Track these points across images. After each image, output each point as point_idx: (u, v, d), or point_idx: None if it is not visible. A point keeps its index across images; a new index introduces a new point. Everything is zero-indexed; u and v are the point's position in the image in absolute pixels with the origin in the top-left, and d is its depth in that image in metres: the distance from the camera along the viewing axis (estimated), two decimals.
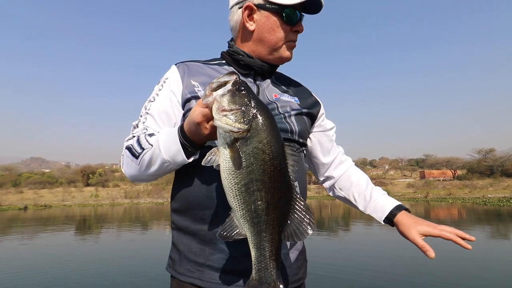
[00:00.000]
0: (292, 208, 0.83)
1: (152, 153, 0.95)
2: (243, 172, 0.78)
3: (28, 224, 15.78)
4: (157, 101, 1.08)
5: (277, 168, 0.79)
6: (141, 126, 1.05)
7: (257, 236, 0.82)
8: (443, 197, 26.86)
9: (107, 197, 31.70)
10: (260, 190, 0.79)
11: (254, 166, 0.77)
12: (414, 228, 1.09)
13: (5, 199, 29.43)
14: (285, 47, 1.13)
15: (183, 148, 0.91)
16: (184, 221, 1.05)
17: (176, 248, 1.07)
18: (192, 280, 0.99)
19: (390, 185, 39.53)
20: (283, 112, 1.11)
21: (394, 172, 65.15)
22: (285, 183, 0.81)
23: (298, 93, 1.23)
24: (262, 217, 0.81)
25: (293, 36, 1.14)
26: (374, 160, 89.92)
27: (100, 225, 15.31)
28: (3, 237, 11.83)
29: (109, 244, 10.27)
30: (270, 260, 0.83)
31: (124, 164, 1.03)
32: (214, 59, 1.20)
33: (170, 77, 1.11)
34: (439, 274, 5.98)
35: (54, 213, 21.65)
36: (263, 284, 0.83)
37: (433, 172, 50.60)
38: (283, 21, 1.10)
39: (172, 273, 1.06)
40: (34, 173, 50.62)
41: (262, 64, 1.14)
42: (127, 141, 1.03)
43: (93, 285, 5.52)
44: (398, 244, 9.10)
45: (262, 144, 0.77)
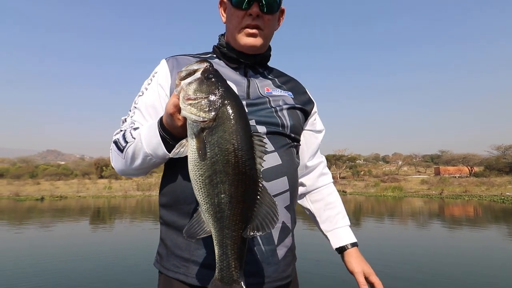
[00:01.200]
0: (258, 202, 0.78)
1: (135, 146, 0.94)
2: (207, 163, 0.74)
3: (45, 215, 16.19)
4: (145, 95, 1.09)
5: (242, 159, 0.74)
6: (129, 121, 1.06)
7: (220, 232, 0.78)
8: (459, 194, 26.10)
9: (120, 189, 32.28)
10: (223, 182, 0.74)
11: (218, 156, 0.73)
12: (360, 266, 1.18)
13: (23, 190, 30.36)
14: (243, 33, 1.09)
15: (163, 141, 0.90)
16: (171, 216, 1.04)
17: (163, 243, 1.07)
18: (178, 276, 0.99)
19: (403, 181, 38.76)
20: (274, 106, 1.10)
21: (408, 168, 63.85)
22: (250, 175, 0.76)
23: (292, 88, 1.21)
24: (225, 211, 0.76)
25: (248, 20, 1.07)
26: (387, 156, 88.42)
27: (114, 216, 15.61)
28: (22, 226, 12.20)
29: (122, 234, 10.52)
30: (232, 259, 0.79)
31: (113, 158, 1.04)
32: (206, 53, 1.20)
33: (159, 71, 1.11)
34: (453, 273, 5.77)
35: (69, 204, 22.15)
36: (225, 284, 0.80)
37: (449, 169, 49.33)
38: (232, 7, 1.07)
39: (159, 268, 1.06)
40: (50, 165, 51.99)
41: (242, 55, 1.12)
42: (115, 135, 1.04)
43: (107, 274, 5.62)
44: (410, 241, 8.92)
45: (227, 133, 0.73)
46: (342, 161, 51.94)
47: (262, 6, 1.06)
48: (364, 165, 64.10)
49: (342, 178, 48.84)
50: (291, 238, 1.11)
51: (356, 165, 54.42)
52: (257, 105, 1.08)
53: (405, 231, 10.89)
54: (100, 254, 7.37)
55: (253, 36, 1.09)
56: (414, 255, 7.14)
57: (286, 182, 1.05)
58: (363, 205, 20.79)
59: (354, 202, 22.94)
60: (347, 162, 52.71)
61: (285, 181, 1.05)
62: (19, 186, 32.79)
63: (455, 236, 10.03)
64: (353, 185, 37.46)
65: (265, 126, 1.06)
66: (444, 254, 7.25)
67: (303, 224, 10.45)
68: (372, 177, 47.41)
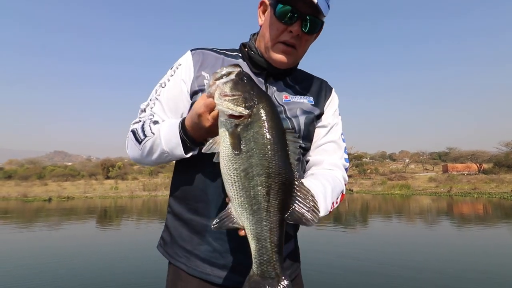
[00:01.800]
0: (295, 194, 0.77)
1: (153, 141, 0.97)
2: (243, 157, 0.75)
3: (52, 215, 16.33)
4: (167, 87, 1.08)
5: (278, 153, 0.75)
6: (148, 112, 1.06)
7: (257, 225, 0.76)
8: (468, 192, 25.69)
9: (126, 189, 32.46)
10: (260, 175, 0.75)
11: (254, 150, 0.75)
12: None
13: (30, 191, 30.72)
14: (276, 47, 1.05)
15: (182, 143, 0.92)
16: (179, 208, 1.08)
17: (168, 230, 1.12)
18: (178, 264, 1.05)
19: (410, 179, 38.35)
20: (290, 116, 1.08)
21: (415, 165, 63.17)
22: (286, 168, 0.76)
23: (315, 93, 1.17)
24: (262, 203, 0.75)
25: (286, 36, 1.03)
26: (394, 154, 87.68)
27: (121, 216, 15.69)
28: (31, 226, 12.33)
29: (129, 234, 10.58)
30: (273, 252, 0.76)
31: (128, 146, 1.06)
32: (232, 50, 1.16)
33: (184, 63, 1.09)
34: (463, 271, 5.61)
35: (76, 204, 22.34)
36: (267, 279, 0.76)
37: (457, 166, 48.70)
38: (276, 17, 1.02)
39: (162, 253, 1.12)
40: (57, 166, 52.60)
41: (267, 65, 1.08)
42: (133, 124, 1.05)
43: (114, 273, 5.62)
44: (419, 239, 8.75)
45: (263, 129, 0.75)
46: (349, 159, 51.52)
47: (305, 25, 1.02)
48: (371, 163, 63.59)
49: (349, 177, 48.34)
50: (293, 243, 1.14)
51: (362, 163, 54.03)
52: None
53: (413, 230, 10.71)
54: (107, 253, 7.45)
55: (287, 54, 1.05)
56: (423, 254, 6.99)
57: None
58: (370, 203, 20.56)
59: (361, 200, 22.69)
60: (353, 160, 52.34)
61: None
62: (27, 187, 33.20)
63: (465, 234, 9.85)
64: (360, 184, 37.18)
65: None
66: (454, 253, 7.10)
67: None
68: (379, 175, 46.99)
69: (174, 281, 1.06)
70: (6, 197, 28.02)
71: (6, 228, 12.01)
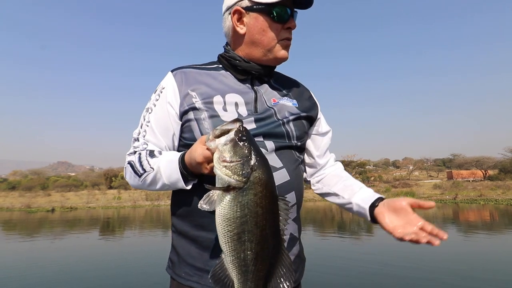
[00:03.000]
0: (278, 262, 0.85)
1: (154, 176, 1.01)
2: (237, 221, 0.80)
3: (56, 226, 16.30)
4: (155, 112, 1.09)
5: (269, 223, 0.81)
6: (142, 141, 1.09)
7: (244, 284, 0.84)
8: (474, 199, 25.37)
9: (129, 199, 32.42)
10: (251, 241, 0.81)
11: (248, 217, 0.80)
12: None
13: (34, 202, 30.74)
14: (279, 46, 1.10)
15: (182, 177, 0.96)
16: (184, 225, 1.08)
17: (175, 250, 1.10)
18: (190, 283, 1.03)
19: (415, 186, 38.00)
20: (281, 118, 1.12)
21: (419, 173, 62.69)
22: (275, 237, 0.83)
23: (298, 96, 1.22)
24: (250, 267, 0.83)
25: (286, 33, 1.11)
26: (397, 161, 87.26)
27: (123, 226, 15.61)
28: (35, 237, 12.30)
29: (132, 244, 10.51)
30: None
31: (127, 176, 1.09)
32: (211, 63, 1.19)
33: (167, 86, 1.10)
34: (470, 280, 5.48)
35: (79, 214, 22.29)
36: None
37: (462, 173, 48.28)
38: (273, 20, 1.07)
39: (171, 274, 1.10)
40: (60, 177, 52.81)
41: (259, 68, 1.12)
42: (129, 156, 1.08)
43: (118, 283, 5.50)
44: (424, 247, 8.59)
45: (257, 197, 0.79)
46: (352, 167, 51.29)
47: (295, 17, 1.12)
48: (374, 171, 63.25)
49: None
50: (298, 246, 1.16)
51: (365, 170, 53.68)
52: (265, 119, 1.10)
53: None
54: (111, 263, 7.45)
55: (287, 48, 1.13)
56: (429, 262, 6.85)
57: (294, 197, 1.11)
58: None
59: None
60: (356, 168, 52.03)
61: (293, 195, 1.11)
62: (30, 198, 33.24)
63: (472, 241, 9.68)
64: None
65: (273, 141, 1.09)
66: (461, 261, 6.96)
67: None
68: (382, 182, 46.64)
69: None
70: (10, 208, 28.05)
71: (10, 239, 11.99)
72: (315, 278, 5.76)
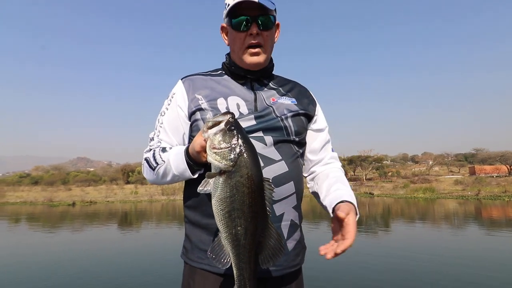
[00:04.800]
0: (267, 235, 0.95)
1: (165, 168, 1.14)
2: (227, 201, 0.91)
3: (77, 219, 16.88)
4: (167, 115, 1.25)
5: (255, 201, 0.91)
6: (156, 140, 1.24)
7: (237, 257, 0.95)
8: (498, 195, 24.40)
9: (146, 193, 33.15)
10: (240, 218, 0.91)
11: (236, 197, 0.90)
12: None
13: (56, 196, 31.95)
14: (247, 53, 1.21)
15: (188, 167, 1.09)
16: (195, 216, 1.21)
17: (188, 238, 1.23)
18: (202, 265, 1.16)
19: (435, 182, 36.89)
20: (279, 115, 1.23)
21: (439, 168, 60.88)
22: (261, 213, 0.93)
23: (296, 94, 1.33)
24: (241, 241, 0.93)
25: (249, 39, 1.19)
26: (416, 156, 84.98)
27: (140, 220, 15.96)
28: (57, 230, 12.81)
29: (150, 236, 10.79)
30: (247, 279, 0.95)
31: (144, 172, 1.24)
32: (216, 70, 1.34)
33: (177, 92, 1.26)
34: (494, 279, 5.21)
35: (99, 208, 22.95)
36: None
37: (485, 168, 46.52)
38: (234, 30, 1.20)
39: (185, 260, 1.23)
40: (80, 172, 54.53)
41: (251, 72, 1.25)
42: (145, 153, 1.22)
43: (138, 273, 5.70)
44: (445, 245, 8.29)
45: (243, 179, 0.90)
46: (368, 162, 50.38)
47: (259, 24, 1.18)
48: (392, 166, 61.89)
49: (369, 180, 47.34)
50: (299, 232, 1.26)
51: (383, 166, 52.58)
52: (264, 116, 1.21)
53: (439, 235, 10.23)
54: (130, 253, 7.76)
55: (257, 55, 1.22)
56: (449, 259, 6.61)
57: (293, 186, 1.21)
58: (392, 207, 19.88)
59: (382, 204, 21.99)
60: (373, 163, 51.06)
61: (292, 185, 1.20)
62: (52, 192, 34.55)
63: (495, 239, 9.28)
64: (381, 187, 36.17)
65: (272, 136, 1.20)
66: (483, 259, 6.69)
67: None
68: (400, 178, 45.61)
69: (191, 275, 1.19)
70: (33, 202, 29.21)
71: (38, 231, 12.47)
72: (330, 273, 5.65)
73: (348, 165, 51.05)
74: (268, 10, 1.18)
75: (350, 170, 51.84)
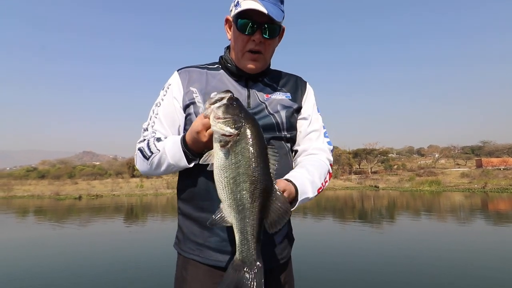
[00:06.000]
0: (272, 198, 0.94)
1: (160, 157, 1.14)
2: (232, 167, 0.93)
3: (83, 212, 17.09)
4: (162, 106, 1.24)
5: (260, 165, 0.92)
6: (150, 130, 1.23)
7: (241, 221, 0.94)
8: (505, 188, 24.13)
9: (151, 187, 33.43)
10: (245, 182, 0.92)
11: (241, 162, 0.92)
12: None
13: (62, 189, 32.39)
14: (246, 57, 1.20)
15: (185, 155, 1.09)
16: (187, 208, 1.23)
17: (181, 229, 1.25)
18: (193, 256, 1.19)
19: (441, 174, 36.59)
20: (272, 112, 1.23)
21: (446, 161, 60.29)
22: (266, 177, 0.93)
23: (291, 88, 1.32)
24: (246, 205, 0.93)
25: (251, 45, 1.18)
26: (422, 148, 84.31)
27: (146, 213, 16.14)
28: (64, 223, 13.01)
29: (154, 230, 10.97)
30: (252, 242, 0.94)
31: (137, 162, 1.23)
32: (213, 63, 1.33)
33: (173, 83, 1.26)
34: (501, 272, 5.14)
35: (105, 202, 23.20)
36: (246, 263, 0.94)
37: (492, 160, 45.93)
38: (238, 30, 1.18)
39: (177, 250, 1.26)
40: (86, 166, 55.03)
41: (245, 72, 1.23)
42: (139, 143, 1.21)
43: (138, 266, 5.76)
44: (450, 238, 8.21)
45: (248, 145, 0.92)
46: (373, 155, 50.07)
47: (264, 32, 1.17)
48: (397, 159, 61.49)
49: (374, 173, 47.13)
50: (286, 226, 1.28)
51: (388, 159, 52.21)
52: (257, 113, 1.21)
53: (444, 228, 10.15)
54: (135, 245, 7.87)
55: (255, 60, 1.20)
56: (454, 252, 6.55)
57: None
58: (398, 200, 19.77)
59: (387, 197, 21.88)
60: (378, 156, 50.74)
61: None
62: (59, 186, 35.01)
63: (502, 232, 9.17)
64: (386, 180, 36.00)
65: (264, 134, 1.17)
66: (489, 252, 6.60)
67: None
68: (406, 171, 45.31)
69: (184, 265, 1.21)
70: (40, 196, 29.62)
71: (43, 225, 12.62)
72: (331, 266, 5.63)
73: (354, 158, 50.82)
74: (275, 21, 1.16)
75: (355, 164, 51.62)
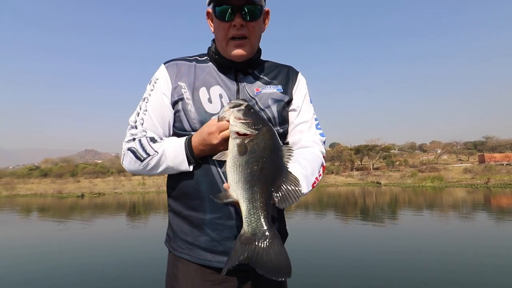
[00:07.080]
0: (285, 179, 0.93)
1: (158, 159, 1.12)
2: (246, 156, 0.94)
3: (86, 210, 17.16)
4: (151, 101, 1.19)
5: (273, 153, 0.96)
6: (140, 128, 1.17)
7: (249, 190, 0.91)
8: (508, 183, 24.03)
9: (153, 185, 33.49)
10: (257, 161, 0.93)
11: (256, 148, 0.95)
12: None
13: (65, 188, 32.51)
14: (230, 44, 1.15)
15: (187, 159, 1.09)
16: (178, 206, 1.20)
17: (171, 227, 1.24)
18: (182, 255, 1.17)
19: (443, 170, 36.45)
20: (263, 107, 1.19)
21: (448, 156, 60.06)
22: (279, 160, 0.97)
23: (283, 80, 1.27)
24: (255, 175, 0.92)
25: (233, 31, 1.13)
26: (424, 144, 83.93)
27: (148, 211, 16.22)
28: (67, 221, 13.01)
29: (156, 226, 10.99)
30: (262, 210, 0.90)
31: (126, 162, 1.17)
32: (202, 55, 1.28)
33: (160, 77, 1.20)
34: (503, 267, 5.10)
35: (107, 200, 23.27)
36: (256, 235, 0.89)
37: (495, 156, 45.64)
38: (217, 19, 1.14)
39: (168, 247, 1.23)
40: (88, 164, 55.26)
41: (234, 63, 1.19)
42: (128, 143, 1.16)
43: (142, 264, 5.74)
44: (453, 233, 8.18)
45: (265, 139, 0.96)
46: (375, 151, 49.91)
47: (245, 15, 1.11)
48: (399, 155, 61.34)
49: (376, 169, 46.98)
50: (277, 224, 1.21)
51: (390, 155, 52.07)
52: None
53: (447, 224, 10.11)
54: (136, 241, 7.84)
55: (240, 46, 1.15)
56: (459, 247, 6.52)
57: None
58: (400, 196, 19.72)
59: (389, 193, 21.82)
60: (380, 152, 50.58)
61: None
62: (61, 184, 35.14)
63: (505, 228, 9.13)
64: (388, 176, 35.91)
65: None
66: (492, 248, 6.57)
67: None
68: (408, 167, 45.19)
69: (175, 263, 1.19)
70: (43, 194, 29.75)
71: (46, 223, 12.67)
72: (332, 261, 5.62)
73: (355, 154, 50.70)
74: (255, 1, 1.11)
75: (357, 160, 51.49)
